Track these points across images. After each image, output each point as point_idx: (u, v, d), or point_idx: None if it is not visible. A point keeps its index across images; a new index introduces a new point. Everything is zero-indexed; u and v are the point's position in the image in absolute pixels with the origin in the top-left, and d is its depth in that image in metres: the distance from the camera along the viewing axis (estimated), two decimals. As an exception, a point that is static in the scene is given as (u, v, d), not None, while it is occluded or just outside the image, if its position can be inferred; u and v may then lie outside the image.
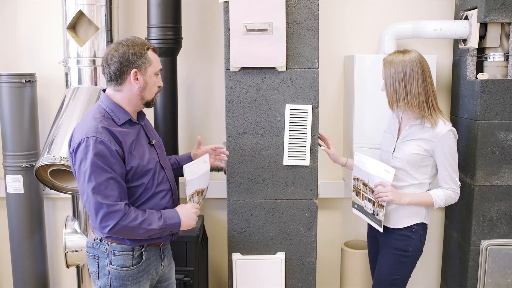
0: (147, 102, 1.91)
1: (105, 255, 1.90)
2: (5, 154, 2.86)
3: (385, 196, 2.14)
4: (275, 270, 2.52)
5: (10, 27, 3.04)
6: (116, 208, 1.75)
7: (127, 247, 1.89)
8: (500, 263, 2.75)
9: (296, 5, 2.38)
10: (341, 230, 3.22)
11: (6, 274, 3.23)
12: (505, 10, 2.63)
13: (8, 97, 2.78)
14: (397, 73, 2.14)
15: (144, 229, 1.81)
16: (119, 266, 1.88)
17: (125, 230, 1.78)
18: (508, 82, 2.65)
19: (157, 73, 1.91)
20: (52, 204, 3.17)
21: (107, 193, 1.74)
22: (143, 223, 1.80)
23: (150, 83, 1.87)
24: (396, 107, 2.20)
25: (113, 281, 1.89)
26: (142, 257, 1.92)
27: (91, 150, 1.73)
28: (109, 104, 1.86)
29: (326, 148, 2.49)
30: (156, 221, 1.84)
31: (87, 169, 1.74)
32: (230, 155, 2.47)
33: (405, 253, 2.25)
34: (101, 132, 1.76)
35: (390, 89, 2.17)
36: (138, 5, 2.99)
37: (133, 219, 1.78)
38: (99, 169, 1.74)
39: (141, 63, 1.83)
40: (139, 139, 1.90)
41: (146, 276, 1.95)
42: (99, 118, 1.81)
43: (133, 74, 1.83)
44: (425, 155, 2.19)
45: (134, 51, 1.82)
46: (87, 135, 1.75)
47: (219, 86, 3.04)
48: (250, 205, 2.51)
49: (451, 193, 2.20)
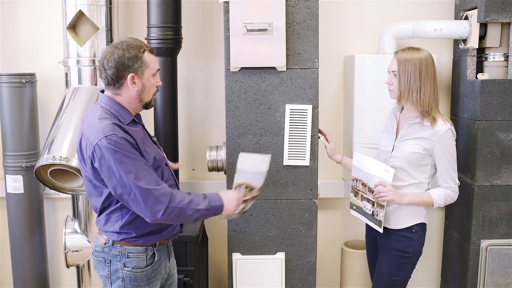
0: (145, 104, 1.91)
1: (118, 258, 1.89)
2: (5, 154, 2.86)
3: (386, 196, 2.14)
4: (275, 270, 2.52)
5: (10, 27, 3.04)
6: (162, 191, 1.75)
7: (140, 248, 1.89)
8: (500, 263, 2.74)
9: (296, 5, 2.38)
10: (341, 230, 3.22)
11: (6, 274, 3.23)
12: (505, 10, 2.63)
13: (8, 97, 2.78)
14: (414, 69, 2.15)
15: (192, 209, 1.80)
16: (133, 268, 1.88)
17: (175, 212, 1.77)
18: (508, 82, 2.65)
19: (155, 74, 1.89)
20: (52, 204, 3.17)
21: (148, 179, 1.74)
22: (191, 203, 1.79)
23: (148, 85, 1.86)
24: (405, 102, 2.20)
25: (127, 283, 1.89)
26: (155, 257, 1.93)
27: (116, 145, 1.72)
28: (113, 105, 1.85)
29: (324, 141, 2.49)
30: (202, 202, 1.83)
31: (120, 163, 1.72)
32: (230, 155, 2.47)
33: (405, 254, 2.25)
34: (116, 128, 1.76)
35: (405, 84, 2.17)
36: (138, 5, 2.99)
37: (181, 200, 1.78)
38: (132, 160, 1.73)
39: (137, 67, 1.80)
40: (145, 137, 1.92)
41: (158, 275, 1.97)
42: (109, 118, 1.80)
43: (130, 78, 1.81)
44: (424, 154, 2.19)
45: (130, 55, 1.79)
46: (104, 134, 1.73)
47: (219, 86, 3.04)
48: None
49: (450, 192, 2.20)
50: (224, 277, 3.17)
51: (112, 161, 1.72)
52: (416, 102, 2.17)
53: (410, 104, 2.20)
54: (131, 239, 1.87)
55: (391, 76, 2.22)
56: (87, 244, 2.76)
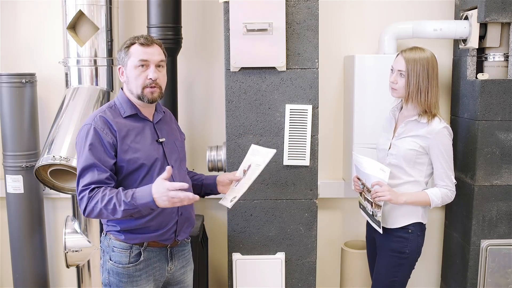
0: (138, 96, 1.89)
1: (107, 249, 1.94)
2: (5, 154, 2.86)
3: (383, 196, 2.14)
4: (275, 270, 2.52)
5: (10, 27, 3.04)
6: (84, 192, 1.80)
7: (125, 244, 1.91)
8: (500, 263, 2.74)
9: (296, 5, 2.38)
10: (341, 230, 3.22)
11: (6, 274, 3.23)
12: (505, 10, 2.63)
13: (8, 97, 2.78)
14: (422, 70, 2.16)
15: (111, 209, 1.75)
16: (116, 262, 1.92)
17: (97, 211, 1.78)
18: (508, 82, 2.65)
19: (138, 65, 1.86)
20: (52, 204, 3.17)
21: (85, 178, 1.81)
22: (109, 203, 1.75)
23: (131, 76, 1.88)
24: (411, 102, 2.21)
25: (111, 276, 1.93)
26: (140, 257, 1.92)
27: (83, 136, 1.85)
28: (120, 97, 1.95)
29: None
30: (124, 201, 1.75)
31: (78, 153, 1.86)
32: (230, 155, 2.47)
33: (402, 254, 2.25)
34: (97, 120, 1.86)
35: (413, 84, 2.17)
36: (138, 5, 2.99)
37: (99, 201, 1.77)
38: (86, 153, 1.82)
39: (123, 59, 1.90)
40: (143, 134, 1.92)
41: (146, 276, 1.94)
42: (104, 109, 1.91)
43: (120, 70, 1.93)
44: (420, 152, 2.20)
45: (120, 48, 1.92)
46: (85, 123, 1.88)
47: (219, 86, 3.04)
48: (250, 205, 2.51)
49: (447, 192, 2.20)
50: (224, 277, 3.17)
51: (78, 149, 1.87)
52: (423, 102, 2.17)
53: (415, 104, 2.20)
54: (115, 232, 1.92)
55: (397, 75, 2.22)
56: (87, 244, 2.76)
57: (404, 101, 2.25)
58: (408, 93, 2.19)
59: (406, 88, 2.19)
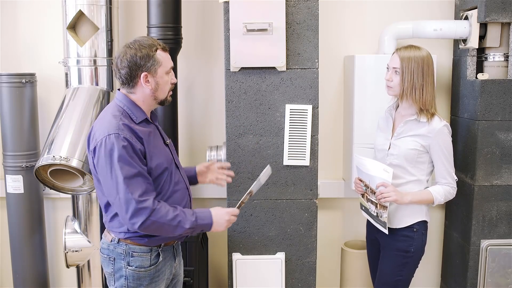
0: (161, 101, 1.92)
1: (122, 256, 1.90)
2: (5, 154, 2.86)
3: (388, 197, 2.14)
4: (275, 270, 2.52)
5: (10, 27, 3.04)
6: (145, 204, 1.74)
7: (145, 248, 1.89)
8: (500, 263, 2.74)
9: (296, 5, 2.38)
10: (341, 230, 3.22)
11: (6, 274, 3.23)
12: (505, 10, 2.63)
13: (8, 97, 2.78)
14: (417, 67, 2.16)
15: (175, 226, 1.80)
16: (137, 267, 1.89)
17: (156, 226, 1.77)
18: (508, 82, 2.65)
19: (168, 71, 1.90)
20: (52, 204, 3.17)
21: (136, 189, 1.74)
22: (174, 220, 1.79)
23: (162, 83, 1.87)
24: (406, 100, 2.21)
25: (130, 282, 1.90)
26: (159, 258, 1.93)
27: (116, 146, 1.74)
28: (127, 103, 1.87)
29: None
30: (188, 219, 1.83)
31: (114, 165, 1.74)
32: (230, 155, 2.47)
33: (407, 253, 2.25)
34: (122, 129, 1.77)
35: (408, 82, 2.18)
36: (138, 5, 2.99)
37: (164, 215, 1.77)
38: (126, 165, 1.74)
39: (150, 66, 1.82)
40: (156, 138, 1.92)
41: (162, 276, 1.96)
42: (119, 116, 1.82)
43: (144, 77, 1.83)
44: (421, 151, 2.20)
45: (142, 54, 1.81)
46: (109, 132, 1.76)
47: (219, 86, 3.04)
48: (250, 205, 2.51)
49: (449, 189, 2.22)
50: (224, 277, 3.17)
51: (108, 161, 1.74)
52: (418, 100, 2.18)
53: (410, 102, 2.20)
54: (137, 238, 1.87)
55: (392, 73, 2.22)
56: (87, 244, 2.76)
57: (399, 99, 2.25)
58: (403, 90, 2.19)
59: (401, 85, 2.19)
